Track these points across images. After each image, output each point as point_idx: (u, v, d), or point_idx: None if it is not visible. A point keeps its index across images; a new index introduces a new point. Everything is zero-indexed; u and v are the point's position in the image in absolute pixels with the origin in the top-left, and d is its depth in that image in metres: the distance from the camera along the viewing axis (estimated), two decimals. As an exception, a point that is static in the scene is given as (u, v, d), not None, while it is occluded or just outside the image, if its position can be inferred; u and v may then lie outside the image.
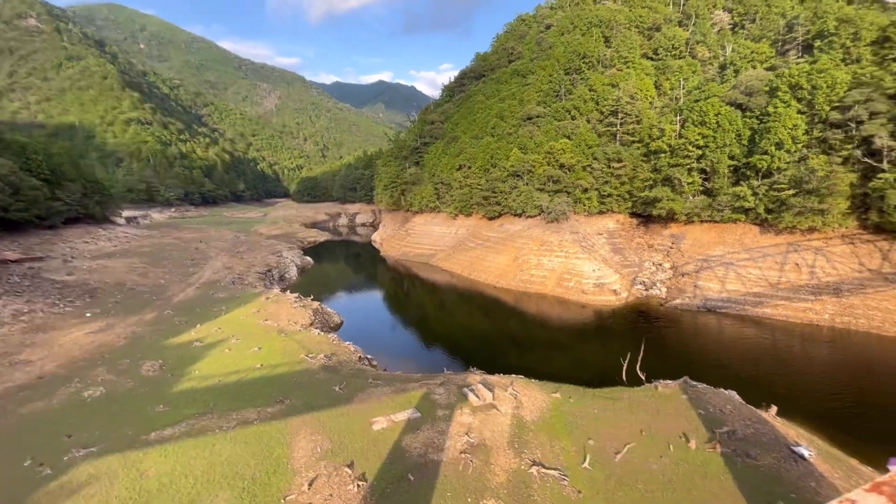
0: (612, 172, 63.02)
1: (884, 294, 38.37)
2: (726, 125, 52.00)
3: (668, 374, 28.79)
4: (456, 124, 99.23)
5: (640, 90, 69.55)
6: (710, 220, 53.94)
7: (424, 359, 37.43)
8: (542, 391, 24.14)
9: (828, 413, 26.34)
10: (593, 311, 48.21)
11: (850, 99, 43.71)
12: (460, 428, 19.15)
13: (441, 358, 37.83)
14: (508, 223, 70.31)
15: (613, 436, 20.43)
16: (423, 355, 38.99)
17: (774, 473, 18.08)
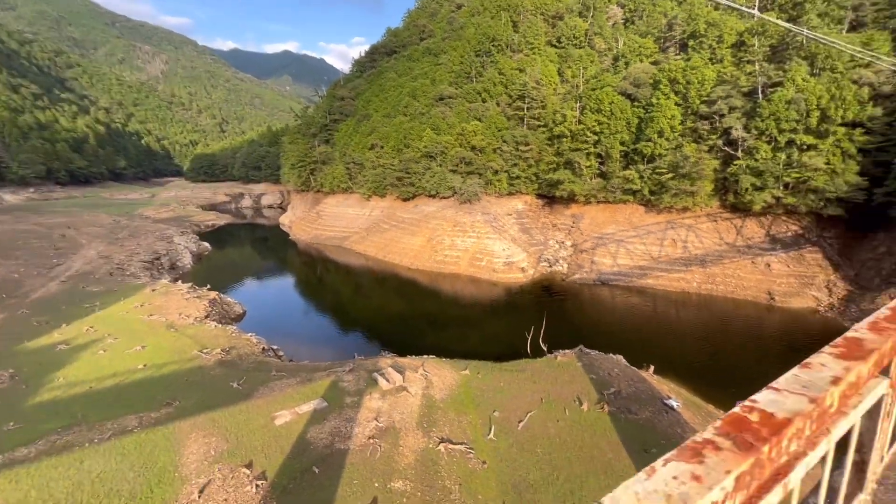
0: (520, 155, 65.62)
1: (737, 263, 45.24)
2: (618, 113, 56.64)
3: (568, 343, 31.30)
4: (368, 102, 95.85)
5: (545, 76, 72.74)
6: (605, 201, 58.86)
7: (338, 345, 36.37)
8: (452, 369, 24.76)
9: (692, 367, 30.55)
10: (503, 288, 50.48)
11: (715, 94, 49.99)
12: (369, 413, 18.91)
13: (356, 343, 37.08)
14: (423, 204, 70.30)
15: (517, 406, 21.69)
16: (337, 341, 37.88)
17: (650, 425, 20.60)
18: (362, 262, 64.97)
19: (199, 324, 31.40)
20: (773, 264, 43.67)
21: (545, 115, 66.89)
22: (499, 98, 74.89)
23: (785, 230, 45.59)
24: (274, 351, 29.83)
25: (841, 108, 41.81)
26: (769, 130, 45.05)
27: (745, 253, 45.93)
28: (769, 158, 44.93)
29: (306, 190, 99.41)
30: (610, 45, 78.49)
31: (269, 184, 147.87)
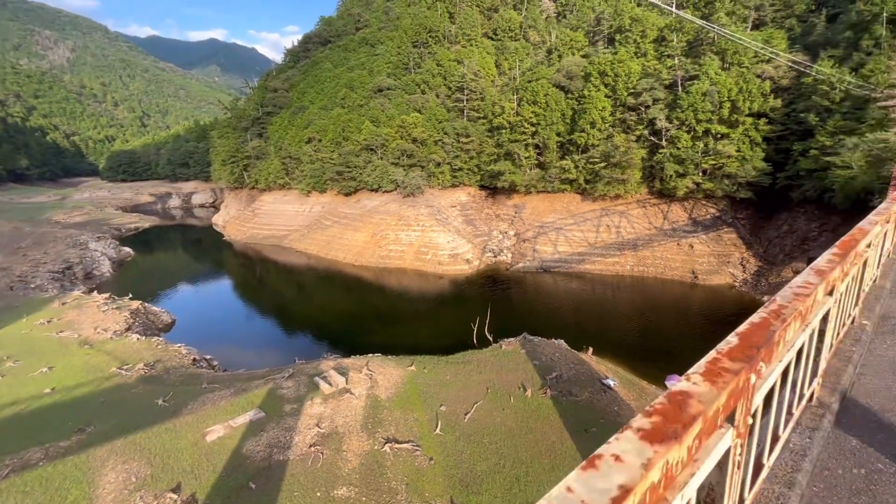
0: (461, 147, 65.87)
1: (664, 246, 48.43)
2: (553, 105, 58.34)
3: (513, 331, 31.99)
4: (303, 93, 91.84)
5: (482, 68, 73.31)
6: (544, 191, 60.63)
7: (280, 350, 34.72)
8: (398, 366, 24.42)
9: (627, 346, 32.35)
10: (449, 280, 50.68)
11: (640, 87, 52.83)
12: (310, 420, 18.16)
13: (300, 346, 35.63)
14: (366, 199, 68.76)
15: (463, 398, 21.81)
16: (279, 346, 36.16)
17: (589, 405, 21.53)
18: (304, 261, 62.56)
19: (118, 338, 28.63)
20: (695, 245, 47.21)
21: (484, 106, 67.53)
22: (438, 90, 74.53)
23: (705, 213, 49.38)
24: (207, 361, 27.91)
25: (748, 100, 45.71)
26: (688, 121, 48.37)
27: (672, 236, 49.27)
28: (689, 147, 48.30)
29: (240, 187, 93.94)
30: (544, 38, 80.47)
31: (200, 181, 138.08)
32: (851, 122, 38.23)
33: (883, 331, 4.15)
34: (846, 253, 2.46)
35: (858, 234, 2.64)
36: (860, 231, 2.71)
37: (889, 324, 4.01)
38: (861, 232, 2.69)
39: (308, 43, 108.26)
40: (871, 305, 4.26)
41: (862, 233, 2.67)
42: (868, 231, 2.77)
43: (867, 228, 2.87)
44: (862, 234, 2.65)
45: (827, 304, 2.77)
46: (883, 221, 3.58)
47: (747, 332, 1.83)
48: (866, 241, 2.65)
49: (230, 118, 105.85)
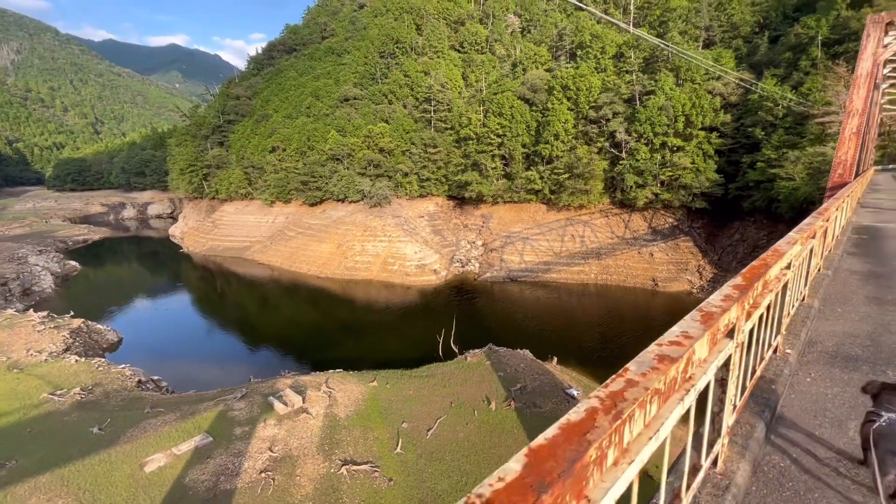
0: (428, 157, 65.84)
1: (626, 255, 49.70)
2: (518, 117, 59.32)
3: (480, 342, 31.70)
4: (266, 101, 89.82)
5: (449, 80, 73.92)
6: (511, 201, 61.27)
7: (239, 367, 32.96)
8: (359, 382, 23.60)
9: (591, 353, 32.69)
10: (417, 291, 50.08)
11: (601, 101, 54.51)
12: (262, 444, 17.13)
13: (260, 363, 34.00)
14: (331, 209, 67.44)
15: (426, 413, 21.24)
16: (239, 363, 34.39)
17: (553, 416, 21.38)
18: (267, 274, 60.47)
19: (54, 360, 26.42)
20: (655, 253, 48.67)
21: (451, 117, 67.92)
22: (405, 100, 74.51)
23: (663, 223, 51.10)
24: (155, 382, 26.16)
25: (700, 115, 47.90)
26: (646, 134, 50.16)
27: (633, 245, 50.65)
28: (648, 159, 50.02)
29: (200, 197, 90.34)
30: (509, 52, 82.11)
31: (157, 191, 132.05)
32: (793, 137, 40.62)
33: (808, 360, 3.64)
34: (749, 285, 2.11)
35: (771, 257, 2.39)
36: (774, 253, 2.48)
37: (815, 350, 3.60)
38: (775, 255, 2.46)
39: (272, 51, 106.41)
40: (796, 330, 4.15)
41: (775, 255, 2.44)
42: (783, 253, 2.54)
43: (783, 250, 2.65)
44: (775, 258, 2.41)
45: (726, 349, 2.24)
46: (805, 238, 3.40)
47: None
48: (781, 264, 2.40)
49: (189, 126, 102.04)
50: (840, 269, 6.04)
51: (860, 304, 4.52)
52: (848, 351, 3.56)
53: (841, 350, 3.54)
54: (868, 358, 3.38)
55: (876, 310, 4.37)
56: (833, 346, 3.59)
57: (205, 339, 41.63)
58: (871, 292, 4.95)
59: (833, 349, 3.51)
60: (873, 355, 3.43)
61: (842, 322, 4.08)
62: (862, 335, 3.80)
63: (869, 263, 6.25)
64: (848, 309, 4.36)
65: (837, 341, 3.62)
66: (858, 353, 3.49)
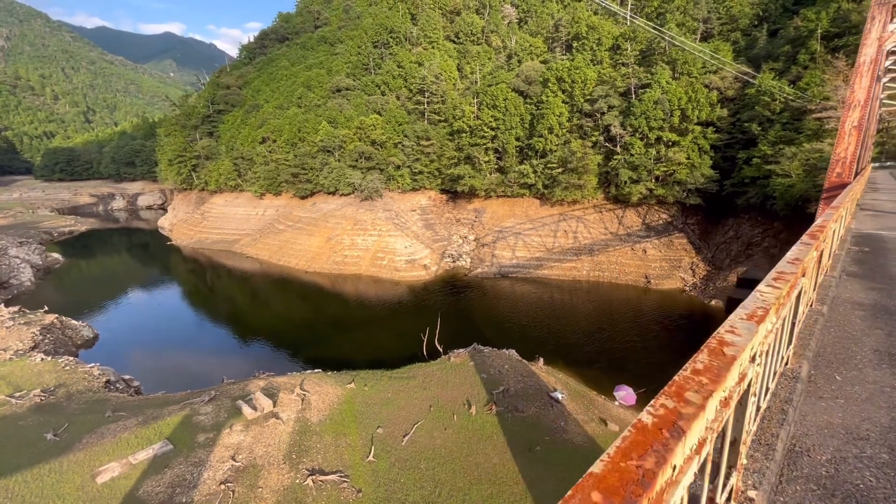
0: (421, 150, 64.60)
1: (620, 251, 48.86)
2: (512, 109, 58.09)
3: (467, 341, 30.86)
4: (257, 91, 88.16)
5: (444, 71, 72.43)
6: (504, 195, 60.26)
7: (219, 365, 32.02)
8: (335, 384, 22.72)
9: (580, 353, 31.88)
10: (406, 287, 49.14)
11: (596, 93, 53.33)
12: (225, 452, 16.23)
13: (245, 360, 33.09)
14: (322, 202, 66.25)
15: (404, 418, 20.41)
16: (218, 361, 33.45)
17: (535, 421, 20.60)
18: (256, 267, 59.38)
19: (19, 358, 25.37)
20: (648, 250, 47.84)
21: (445, 109, 66.59)
22: (398, 91, 73.10)
23: (657, 219, 50.22)
24: (126, 382, 25.19)
25: (696, 109, 46.85)
26: (641, 128, 49.10)
27: (626, 241, 49.80)
28: (642, 154, 49.01)
29: (189, 188, 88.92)
30: (505, 43, 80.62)
31: (148, 182, 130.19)
32: (790, 133, 39.67)
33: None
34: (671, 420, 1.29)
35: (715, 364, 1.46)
36: (716, 354, 1.52)
37: (797, 481, 2.25)
38: (717, 359, 1.52)
39: (264, 39, 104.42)
40: (772, 429, 2.94)
41: (720, 363, 1.49)
42: (738, 351, 1.63)
43: (737, 342, 1.70)
44: (722, 366, 1.49)
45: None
46: (786, 295, 2.29)
47: None
48: (733, 373, 1.49)
49: (179, 115, 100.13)
50: (838, 302, 4.85)
51: (867, 367, 3.33)
52: (852, 479, 2.18)
53: (842, 476, 2.19)
54: (886, 502, 2.03)
55: (890, 376, 3.19)
56: (829, 466, 2.32)
57: (188, 335, 40.62)
58: (882, 342, 3.76)
59: (829, 473, 2.20)
60: (892, 492, 2.09)
61: (842, 405, 2.80)
62: (874, 438, 2.47)
63: (874, 291, 5.15)
64: (851, 377, 3.17)
65: (837, 453, 2.35)
66: (869, 483, 2.12)
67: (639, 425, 1.27)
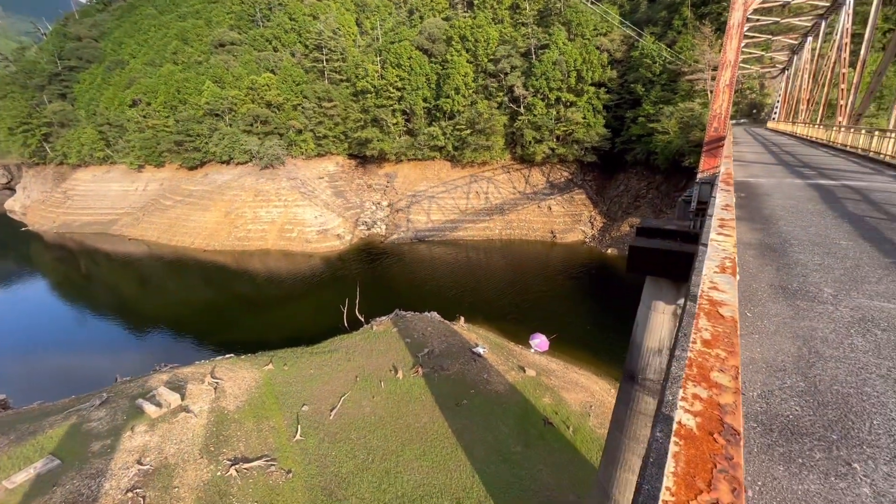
0: (324, 112, 60.64)
1: (527, 209, 51.49)
2: (418, 69, 56.51)
3: (387, 308, 30.79)
4: (119, 44, 75.02)
5: (342, 26, 67.56)
6: (415, 159, 59.49)
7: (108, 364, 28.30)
8: (252, 367, 21.45)
9: (497, 308, 33.61)
10: (320, 258, 47.22)
11: (499, 53, 53.81)
12: (129, 457, 14.66)
13: (137, 355, 29.56)
14: (215, 172, 59.81)
15: (330, 392, 20.06)
16: (108, 359, 29.52)
17: (460, 377, 21.55)
18: (142, 250, 52.64)
19: None
20: (553, 207, 51.07)
21: (347, 68, 62.67)
22: (293, 47, 66.94)
23: (559, 177, 53.49)
24: (-13, 397, 21.22)
25: (590, 70, 49.62)
26: (542, 89, 50.93)
27: (533, 199, 52.54)
28: (544, 114, 51.13)
29: (42, 163, 74.59)
30: (405, -3, 76.98)
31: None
32: (668, 93, 43.98)
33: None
34: None
35: None
36: None
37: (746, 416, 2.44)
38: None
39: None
40: None
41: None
42: None
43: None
44: None
45: None
46: None
47: None
48: None
49: (16, 73, 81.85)
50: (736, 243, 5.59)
51: (769, 302, 3.77)
52: (782, 410, 2.33)
53: (773, 409, 2.32)
54: (814, 428, 2.22)
55: (788, 310, 3.60)
56: (761, 401, 2.55)
57: (65, 334, 35.11)
58: (774, 278, 4.31)
59: (762, 408, 2.31)
60: (817, 417, 2.31)
61: (757, 340, 3.15)
62: (790, 368, 2.80)
63: (757, 232, 5.93)
64: (759, 312, 3.57)
65: (764, 387, 2.59)
66: (796, 412, 2.31)
67: (683, 432, 1.10)
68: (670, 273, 8.96)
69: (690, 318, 1.65)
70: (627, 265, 9.25)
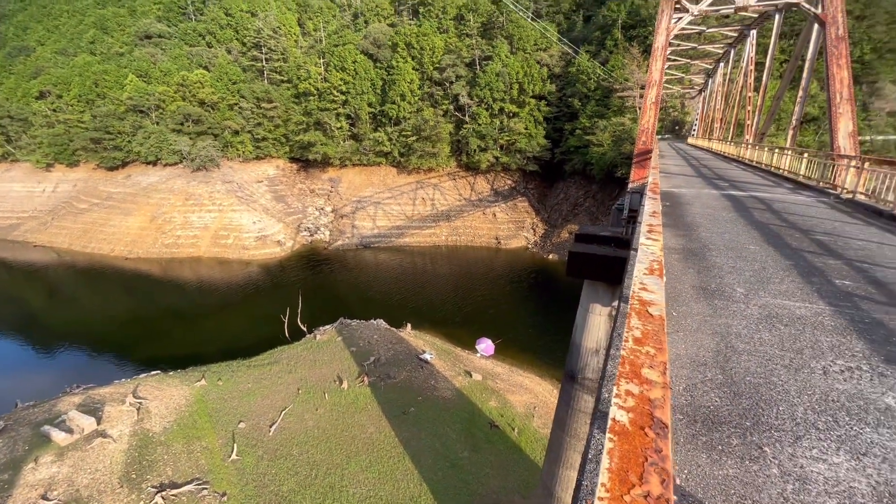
0: (263, 114, 58.04)
1: (472, 216, 52.41)
2: (363, 73, 55.89)
3: (331, 317, 29.88)
4: (24, 29, 67.44)
5: (283, 25, 65.29)
6: (360, 164, 58.59)
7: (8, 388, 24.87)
8: (181, 384, 19.88)
9: (444, 314, 33.77)
10: (259, 266, 44.95)
11: (444, 62, 54.60)
12: (31, 492, 12.98)
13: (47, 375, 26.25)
14: (140, 174, 55.19)
15: (269, 406, 19.05)
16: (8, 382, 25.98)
17: (407, 384, 21.34)
18: (50, 258, 47.28)
19: None
20: (497, 214, 52.37)
21: (288, 69, 60.61)
22: (229, 44, 63.72)
23: (503, 185, 55.02)
24: None
25: (531, 83, 51.70)
26: (486, 98, 52.29)
27: (478, 206, 53.58)
28: (488, 123, 52.47)
29: (-77, 159, 64.77)
30: (350, 1, 76.05)
31: None
32: (602, 108, 46.82)
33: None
34: None
35: None
36: None
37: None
38: None
39: (26, -42, 79.04)
40: None
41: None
42: None
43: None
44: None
45: None
46: None
47: None
48: None
49: None
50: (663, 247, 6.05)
51: (692, 301, 4.14)
52: (704, 402, 2.59)
53: (696, 401, 2.58)
54: (731, 417, 2.43)
55: (708, 309, 3.98)
56: (686, 395, 2.62)
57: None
58: (696, 280, 4.72)
59: (687, 401, 2.58)
60: (733, 406, 2.54)
61: (682, 337, 3.43)
62: (710, 362, 2.92)
63: (681, 237, 6.45)
64: (683, 311, 3.91)
65: (688, 381, 2.80)
66: (715, 403, 2.54)
67: (617, 428, 1.13)
68: (606, 277, 9.50)
69: (623, 317, 1.75)
70: (567, 270, 9.68)
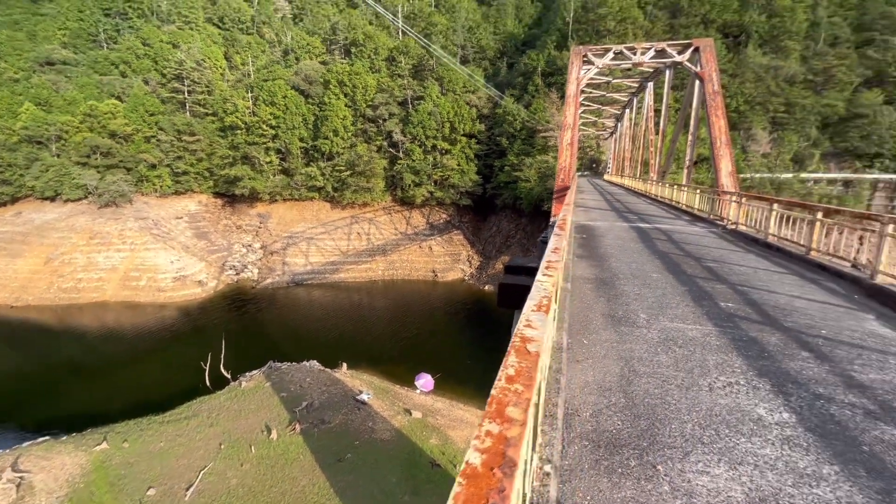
0: (185, 147, 54.90)
1: (410, 249, 52.56)
2: (293, 108, 55.31)
3: (259, 361, 27.85)
4: None
5: (208, 58, 63.23)
6: (291, 199, 56.93)
7: None
8: (76, 451, 17.27)
9: (381, 351, 32.91)
10: (176, 309, 41.20)
11: (377, 100, 55.77)
12: None
13: None
14: (33, 211, 49.18)
15: (186, 467, 17.08)
16: None
17: (343, 429, 20.25)
18: None
19: None
20: (433, 247, 53.00)
21: (213, 102, 58.35)
22: (146, 75, 60.22)
23: (439, 218, 56.11)
24: None
25: (462, 122, 54.23)
26: (419, 136, 53.85)
27: (414, 239, 53.93)
28: (422, 159, 53.83)
29: None
30: (280, 38, 75.85)
31: None
32: (528, 147, 50.11)
33: (570, 464, 2.51)
34: None
35: None
36: None
37: (576, 432, 2.69)
38: None
39: None
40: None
41: None
42: None
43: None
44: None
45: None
46: None
47: None
48: None
49: None
50: (575, 279, 6.36)
51: (601, 329, 4.45)
52: (607, 426, 2.74)
53: (601, 426, 2.73)
54: (630, 439, 2.59)
55: (615, 336, 4.30)
56: (592, 420, 2.83)
57: None
58: (605, 308, 5.11)
59: (593, 427, 2.72)
60: (633, 428, 2.71)
61: (591, 364, 3.68)
62: (615, 387, 3.27)
63: (594, 268, 6.96)
64: (592, 339, 4.18)
65: (595, 407, 2.95)
66: (618, 426, 2.77)
67: (468, 471, 1.12)
68: (533, 307, 9.89)
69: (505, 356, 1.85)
70: (497, 301, 10.00)
